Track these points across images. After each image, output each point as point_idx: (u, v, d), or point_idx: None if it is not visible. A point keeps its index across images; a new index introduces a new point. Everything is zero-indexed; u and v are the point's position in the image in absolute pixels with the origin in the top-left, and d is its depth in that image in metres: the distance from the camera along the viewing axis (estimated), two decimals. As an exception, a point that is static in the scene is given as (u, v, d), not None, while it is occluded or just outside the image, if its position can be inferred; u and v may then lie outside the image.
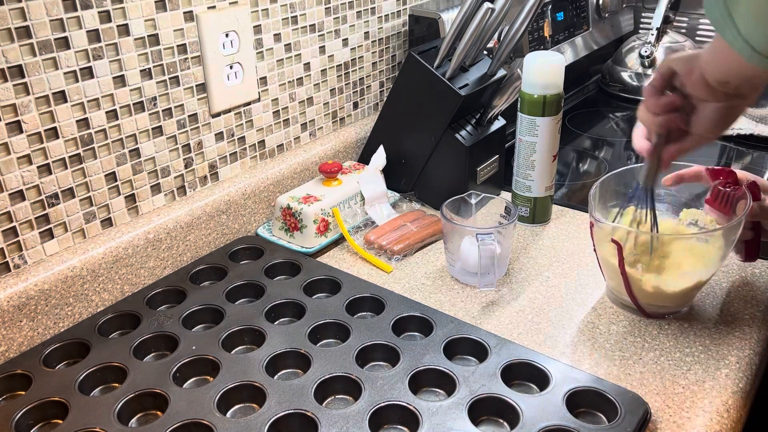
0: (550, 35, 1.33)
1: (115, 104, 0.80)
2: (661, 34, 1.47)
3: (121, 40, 0.78)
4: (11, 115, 0.71)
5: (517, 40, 0.96)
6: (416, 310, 0.78)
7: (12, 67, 0.70)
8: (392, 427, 0.64)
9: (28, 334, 0.74)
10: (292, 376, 0.70)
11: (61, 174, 0.77)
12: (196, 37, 0.86)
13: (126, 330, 0.77)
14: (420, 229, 0.96)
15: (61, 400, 0.65)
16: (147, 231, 0.84)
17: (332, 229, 0.96)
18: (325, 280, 0.85)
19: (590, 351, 0.74)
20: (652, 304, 0.78)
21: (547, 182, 0.98)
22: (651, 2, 1.66)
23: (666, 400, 0.67)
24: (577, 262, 0.91)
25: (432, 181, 1.04)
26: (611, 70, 1.55)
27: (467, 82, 0.98)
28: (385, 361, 0.72)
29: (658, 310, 0.78)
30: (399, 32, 1.19)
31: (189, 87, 0.87)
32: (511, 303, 0.83)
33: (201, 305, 0.80)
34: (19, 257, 0.75)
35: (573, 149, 1.31)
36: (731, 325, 0.77)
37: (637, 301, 0.77)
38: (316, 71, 1.06)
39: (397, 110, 1.04)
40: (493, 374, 0.67)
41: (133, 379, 0.68)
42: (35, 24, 0.70)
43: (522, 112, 0.95)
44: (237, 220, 0.96)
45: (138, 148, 0.84)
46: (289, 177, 1.02)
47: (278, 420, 0.63)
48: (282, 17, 0.97)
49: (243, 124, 0.97)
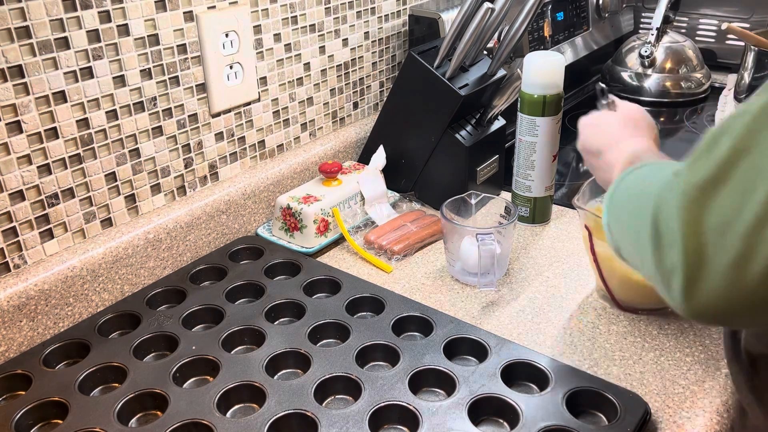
0: (550, 35, 1.33)
1: (115, 104, 0.80)
2: (661, 34, 1.47)
3: (121, 40, 0.78)
4: (11, 115, 0.71)
5: (517, 40, 0.96)
6: (416, 310, 0.78)
7: (12, 67, 0.70)
8: (392, 427, 0.64)
9: (28, 334, 0.74)
10: (292, 376, 0.70)
11: (61, 174, 0.77)
12: (196, 37, 0.86)
13: (126, 330, 0.77)
14: (420, 229, 0.96)
15: (61, 400, 0.65)
16: (147, 231, 0.84)
17: (332, 229, 0.96)
18: (325, 280, 0.84)
19: (590, 351, 0.74)
20: (625, 296, 0.79)
21: (547, 182, 0.98)
22: (651, 2, 1.66)
23: (666, 400, 0.67)
24: (577, 262, 0.91)
25: (432, 181, 1.04)
26: (611, 70, 1.55)
27: (467, 82, 0.98)
28: (385, 361, 0.72)
29: (632, 304, 0.79)
30: (399, 32, 1.19)
31: (189, 87, 0.87)
32: (511, 303, 0.83)
33: (201, 305, 0.80)
34: (19, 257, 0.75)
35: (573, 149, 1.30)
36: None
37: (610, 291, 0.79)
38: (316, 71, 1.06)
39: (397, 110, 1.04)
40: (493, 374, 0.67)
41: (133, 379, 0.68)
42: (35, 24, 0.70)
43: (522, 112, 0.95)
44: (237, 220, 0.96)
45: (138, 148, 0.84)
46: (289, 177, 1.02)
47: (278, 420, 0.63)
48: (282, 17, 0.97)
49: (243, 124, 0.97)
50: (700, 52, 1.50)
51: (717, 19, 1.57)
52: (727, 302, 0.42)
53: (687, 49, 1.48)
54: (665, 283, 0.45)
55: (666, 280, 0.45)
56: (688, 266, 0.42)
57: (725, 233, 0.40)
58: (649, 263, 0.47)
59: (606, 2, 1.52)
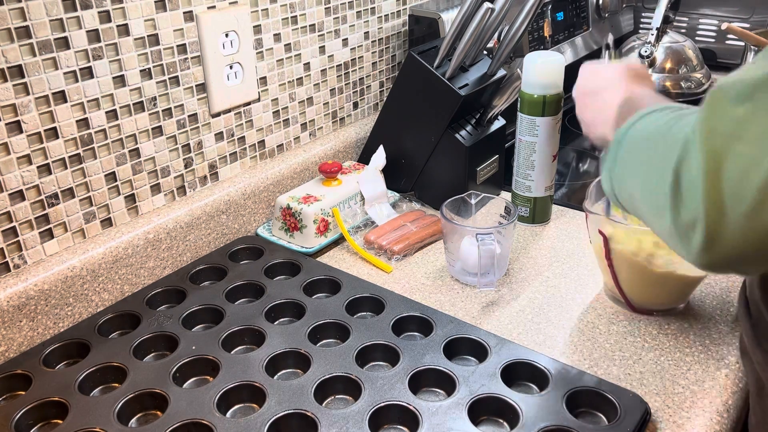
0: (550, 35, 1.33)
1: (115, 104, 0.80)
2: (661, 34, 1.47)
3: (121, 40, 0.78)
4: (11, 115, 0.71)
5: (517, 40, 0.96)
6: (416, 310, 0.78)
7: (12, 67, 0.70)
8: (392, 427, 0.64)
9: (28, 334, 0.74)
10: (292, 376, 0.70)
11: (61, 174, 0.77)
12: (196, 37, 0.86)
13: (126, 330, 0.77)
14: (420, 229, 0.96)
15: (61, 400, 0.65)
16: (147, 231, 0.84)
17: (332, 229, 0.96)
18: (325, 280, 0.84)
19: (590, 351, 0.74)
20: (639, 298, 0.78)
21: (547, 182, 0.98)
22: (651, 2, 1.66)
23: (666, 400, 0.67)
24: (577, 262, 0.91)
25: (432, 181, 1.04)
26: (611, 70, 1.55)
27: (467, 82, 0.98)
28: (385, 361, 0.72)
29: (646, 306, 0.79)
30: (399, 32, 1.19)
31: (189, 87, 0.87)
32: (511, 303, 0.83)
33: (201, 305, 0.79)
34: (18, 257, 0.75)
35: (573, 149, 1.31)
36: (731, 325, 0.77)
37: (624, 295, 0.78)
38: (316, 71, 1.06)
39: (397, 110, 1.04)
40: (493, 374, 0.67)
41: (133, 379, 0.68)
42: (35, 24, 0.70)
43: (522, 112, 0.95)
44: (237, 220, 0.96)
45: (138, 148, 0.84)
46: (289, 177, 1.02)
47: (278, 420, 0.63)
48: (282, 17, 0.97)
49: (243, 124, 0.97)
50: (700, 52, 1.50)
51: (717, 19, 1.57)
52: (742, 253, 0.43)
53: (687, 49, 1.48)
54: (683, 235, 0.46)
55: (684, 234, 0.45)
56: (709, 219, 0.43)
57: (743, 183, 0.41)
58: (665, 215, 0.47)
59: (606, 2, 1.52)
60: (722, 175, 0.42)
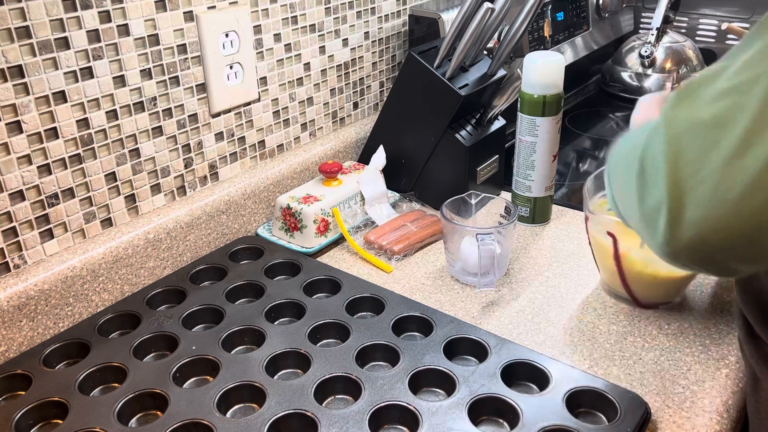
0: (550, 35, 1.33)
1: (115, 104, 0.80)
2: (661, 34, 1.47)
3: (121, 40, 0.78)
4: (11, 115, 0.71)
5: (517, 40, 0.96)
6: (416, 310, 0.78)
7: (12, 67, 0.70)
8: (392, 427, 0.64)
9: (28, 334, 0.74)
10: (292, 376, 0.70)
11: (61, 174, 0.77)
12: (196, 37, 0.86)
13: (126, 330, 0.77)
14: (420, 229, 0.96)
15: (61, 400, 0.65)
16: (147, 231, 0.84)
17: (332, 229, 0.96)
18: (325, 280, 0.84)
19: (590, 351, 0.74)
20: (646, 293, 0.79)
21: (547, 182, 0.98)
22: (651, 2, 1.66)
23: (666, 400, 0.67)
24: (577, 262, 0.91)
25: (432, 181, 1.04)
26: (611, 70, 1.55)
27: (467, 82, 0.98)
28: (385, 361, 0.72)
29: (652, 300, 0.80)
30: (399, 32, 1.19)
31: (189, 87, 0.87)
32: (511, 303, 0.83)
33: (201, 305, 0.80)
34: (19, 257, 0.75)
35: (573, 149, 1.31)
36: (731, 325, 0.77)
37: (631, 292, 0.79)
38: (316, 71, 1.06)
39: (397, 110, 1.04)
40: (493, 374, 0.67)
41: (133, 379, 0.68)
42: (35, 24, 0.70)
43: (522, 112, 0.95)
44: (237, 220, 0.96)
45: (138, 148, 0.84)
46: (289, 177, 1.02)
47: (278, 420, 0.63)
48: (282, 17, 0.97)
49: (243, 124, 0.97)
50: (700, 52, 1.50)
51: (717, 19, 1.57)
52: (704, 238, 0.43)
53: (687, 49, 1.48)
54: (649, 222, 0.47)
55: (651, 220, 0.46)
56: (671, 200, 0.44)
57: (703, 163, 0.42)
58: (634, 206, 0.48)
59: (606, 2, 1.52)
60: (682, 156, 0.43)
